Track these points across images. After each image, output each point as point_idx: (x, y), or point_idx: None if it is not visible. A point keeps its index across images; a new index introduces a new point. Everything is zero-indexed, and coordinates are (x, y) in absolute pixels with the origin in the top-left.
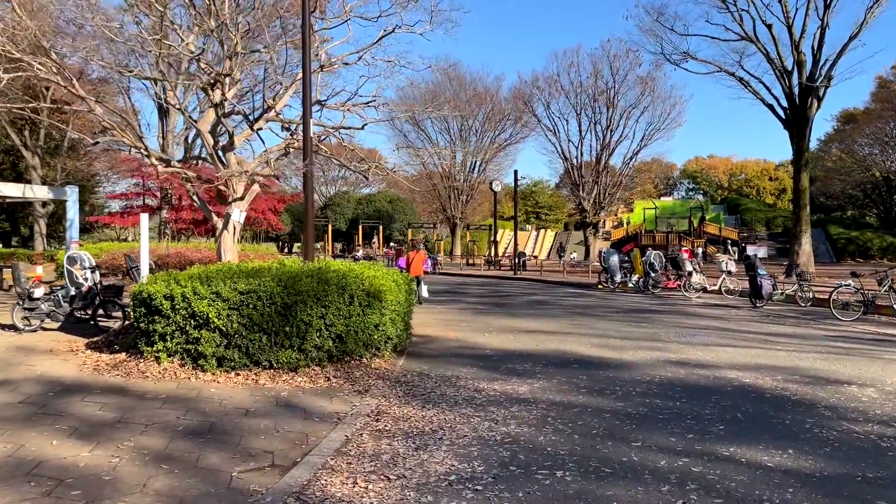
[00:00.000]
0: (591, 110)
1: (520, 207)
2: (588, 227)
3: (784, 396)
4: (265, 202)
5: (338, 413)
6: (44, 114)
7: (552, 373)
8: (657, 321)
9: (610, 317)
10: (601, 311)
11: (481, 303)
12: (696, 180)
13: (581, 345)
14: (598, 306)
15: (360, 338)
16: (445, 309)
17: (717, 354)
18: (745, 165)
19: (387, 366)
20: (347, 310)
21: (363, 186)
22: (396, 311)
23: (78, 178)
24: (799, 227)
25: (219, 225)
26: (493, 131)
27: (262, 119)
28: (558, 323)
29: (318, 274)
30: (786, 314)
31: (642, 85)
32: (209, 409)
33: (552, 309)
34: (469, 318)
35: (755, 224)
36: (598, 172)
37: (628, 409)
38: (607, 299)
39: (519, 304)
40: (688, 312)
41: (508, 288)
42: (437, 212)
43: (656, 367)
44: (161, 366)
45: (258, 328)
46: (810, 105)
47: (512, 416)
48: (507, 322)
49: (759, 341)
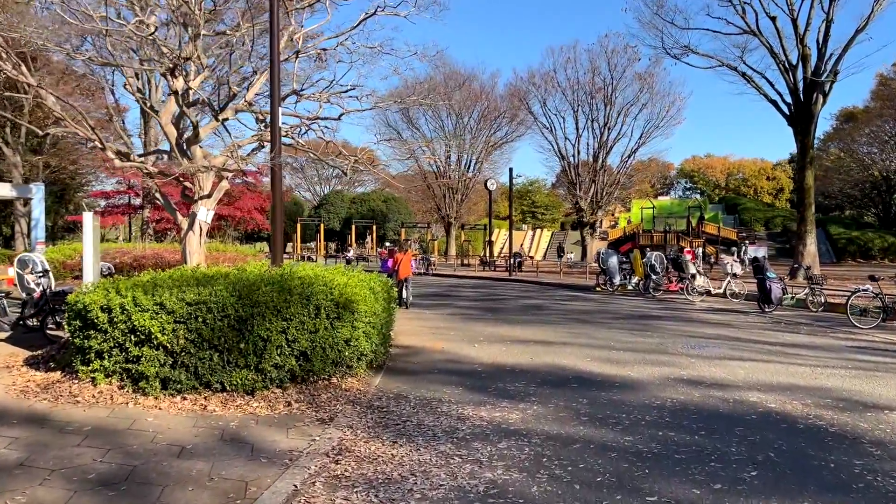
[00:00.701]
0: (589, 107)
1: (516, 207)
2: (585, 226)
3: (820, 428)
4: (251, 201)
5: (292, 451)
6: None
7: (548, 394)
8: (661, 329)
9: (610, 324)
10: (601, 318)
11: (473, 307)
12: (693, 180)
13: (580, 358)
14: (597, 311)
15: (329, 355)
16: (434, 314)
17: (732, 371)
18: (743, 165)
19: (360, 386)
20: (313, 323)
21: (357, 186)
22: (372, 324)
23: (62, 177)
24: (804, 226)
25: (184, 225)
26: (488, 129)
27: (230, 109)
28: (555, 331)
29: (279, 282)
30: (798, 320)
31: (641, 81)
32: (137, 446)
33: (548, 315)
34: (459, 326)
35: (754, 224)
36: (596, 171)
37: (639, 446)
38: (607, 303)
39: (513, 308)
40: (693, 319)
41: (503, 290)
42: (432, 211)
43: (666, 388)
44: (97, 388)
45: (208, 345)
46: (815, 101)
47: (500, 454)
48: (499, 330)
49: (775, 354)
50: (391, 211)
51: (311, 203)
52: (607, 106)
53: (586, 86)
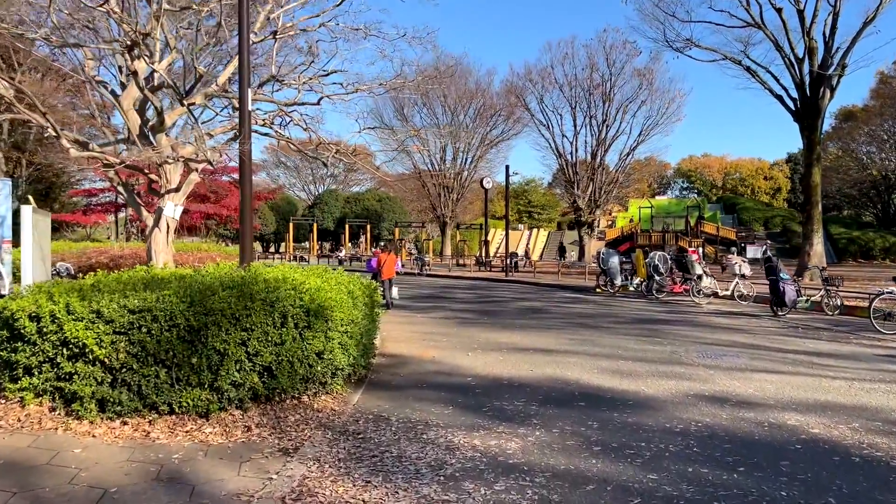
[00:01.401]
0: (587, 104)
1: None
2: (583, 226)
3: (880, 461)
4: (237, 198)
5: (240, 495)
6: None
7: (552, 415)
8: (671, 335)
9: (615, 329)
10: (604, 322)
11: (468, 310)
12: (690, 179)
13: (586, 369)
14: (599, 315)
15: (297, 370)
16: (426, 318)
17: (758, 385)
18: (740, 164)
19: (335, 405)
20: (278, 333)
21: (353, 185)
22: (350, 334)
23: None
24: (810, 225)
25: (149, 222)
26: (484, 127)
27: (200, 94)
28: (556, 337)
29: (239, 285)
30: (815, 325)
31: (640, 78)
32: (51, 488)
33: (548, 318)
34: (452, 331)
35: (753, 223)
36: (594, 169)
37: (666, 487)
38: (609, 306)
39: (510, 311)
40: (703, 323)
41: (499, 292)
42: (427, 210)
43: (688, 407)
44: (24, 410)
45: (154, 360)
46: (822, 95)
47: (496, 498)
48: (495, 336)
49: (802, 364)
50: (386, 210)
51: (305, 202)
52: (606, 103)
53: (584, 82)
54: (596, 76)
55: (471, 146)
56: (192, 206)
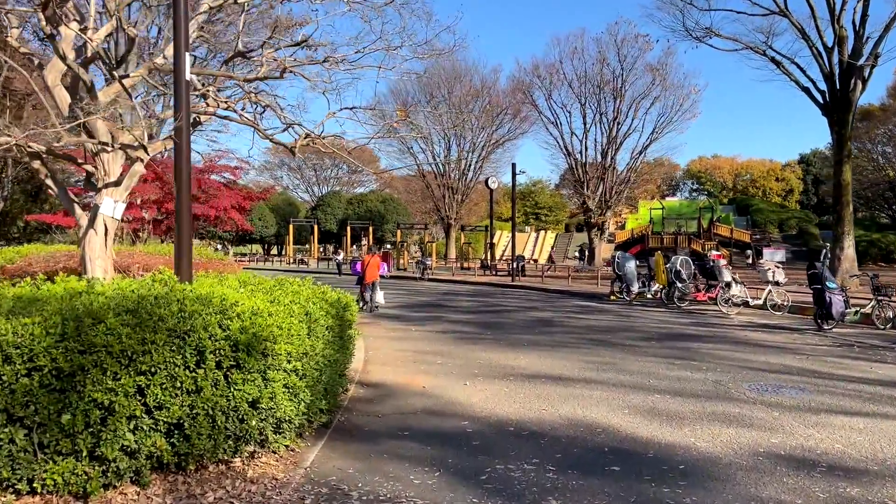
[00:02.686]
0: (597, 101)
1: (518, 207)
2: (593, 228)
3: None
4: (227, 198)
5: None
6: None
7: (577, 491)
8: (708, 356)
9: (640, 348)
10: (626, 338)
11: (469, 322)
12: (700, 181)
13: (613, 408)
14: (618, 328)
15: (222, 426)
16: (421, 332)
17: (845, 436)
18: (751, 165)
19: (280, 470)
20: (193, 377)
21: (357, 186)
22: (302, 371)
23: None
24: (841, 227)
25: (82, 222)
26: (490, 126)
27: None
28: (571, 359)
29: (137, 309)
30: (871, 342)
31: (653, 73)
32: None
33: (560, 333)
34: (449, 349)
35: (767, 225)
36: (605, 168)
37: None
38: (627, 317)
39: (516, 324)
40: (740, 340)
41: (504, 299)
42: (431, 212)
43: (763, 476)
44: None
45: (7, 417)
46: (853, 87)
47: None
48: (499, 357)
49: (883, 401)
50: (389, 212)
51: (309, 204)
52: (617, 99)
53: (594, 78)
54: (607, 71)
55: (476, 146)
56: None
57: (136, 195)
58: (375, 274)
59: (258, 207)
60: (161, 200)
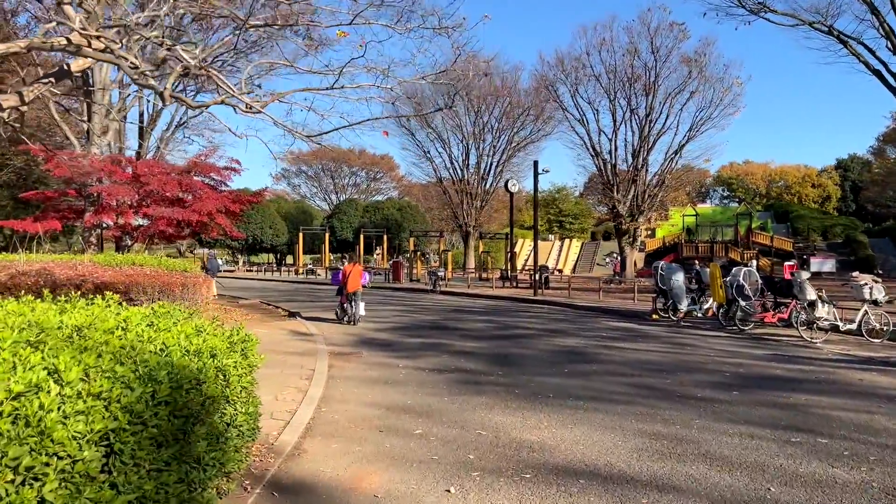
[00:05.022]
0: (627, 96)
1: (542, 215)
2: (623, 235)
3: None
4: (213, 201)
5: None
6: None
7: None
8: (832, 422)
9: (720, 403)
10: (693, 383)
11: (476, 353)
12: (731, 187)
13: None
14: (677, 365)
15: None
16: (408, 370)
17: None
18: (785, 171)
19: None
20: None
21: (375, 194)
22: None
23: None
24: None
25: None
26: (511, 129)
27: None
28: (622, 428)
29: None
30: None
31: (688, 65)
32: None
33: (597, 374)
34: (437, 406)
35: (810, 233)
36: (636, 169)
37: None
38: (682, 346)
39: (539, 357)
40: (859, 386)
41: (524, 318)
42: (449, 219)
43: None
44: None
45: None
46: None
47: None
48: (511, 422)
49: None
50: (406, 219)
51: (324, 212)
52: (649, 94)
53: (625, 70)
54: (638, 64)
55: (496, 149)
56: (155, 211)
57: (112, 198)
58: (357, 284)
59: (269, 215)
60: (139, 204)
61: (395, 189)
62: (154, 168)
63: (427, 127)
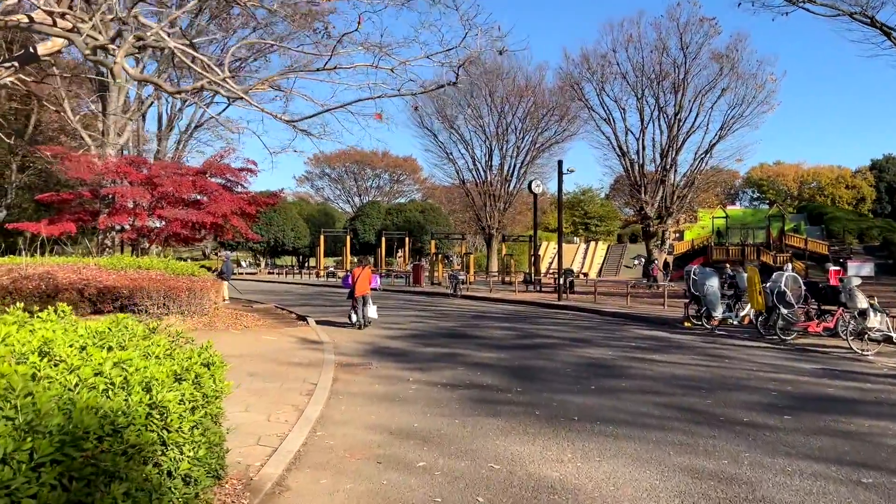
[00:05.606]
0: (655, 94)
1: (567, 217)
2: (651, 237)
3: None
4: (228, 203)
5: None
6: None
7: None
8: None
9: (773, 431)
10: (738, 404)
11: (494, 365)
12: (761, 189)
13: None
14: (717, 382)
15: None
16: (420, 385)
17: None
18: (818, 172)
19: None
20: None
21: (398, 196)
22: None
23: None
24: None
25: None
26: (535, 129)
27: None
28: (659, 464)
29: None
30: None
31: (719, 61)
32: None
33: (627, 391)
34: (447, 430)
35: (845, 236)
36: (665, 170)
37: None
38: (721, 358)
39: (562, 371)
40: None
41: (548, 325)
42: (471, 221)
43: None
44: None
45: None
46: None
47: None
48: (529, 454)
49: None
50: (429, 221)
51: (347, 215)
52: (678, 92)
53: (652, 68)
54: (666, 60)
55: (520, 150)
56: (169, 213)
57: (126, 199)
58: (366, 287)
59: (291, 218)
60: (154, 206)
61: (419, 191)
62: (168, 169)
63: (450, 128)
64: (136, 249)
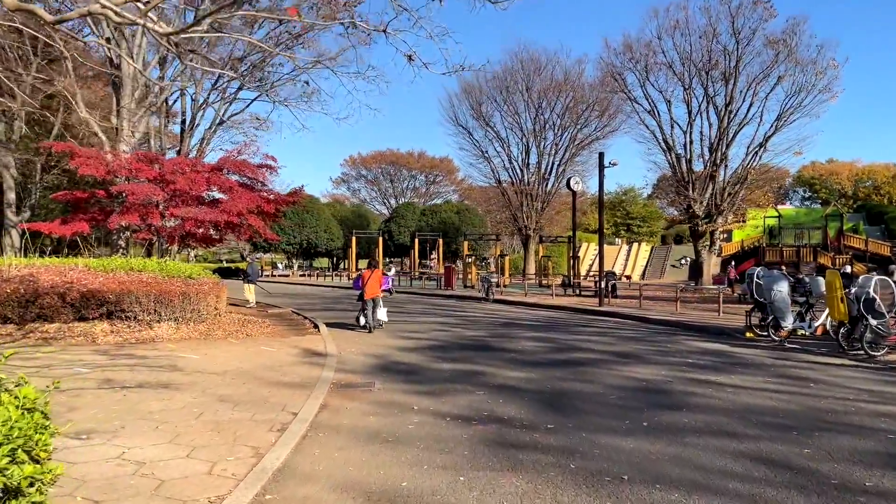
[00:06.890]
0: (703, 84)
1: (608, 218)
2: (700, 238)
3: None
4: (244, 200)
5: None
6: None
7: None
8: None
9: None
10: (849, 454)
11: (520, 389)
12: (813, 188)
13: None
14: (809, 419)
15: None
16: (424, 419)
17: None
18: (874, 170)
19: None
20: None
21: (434, 197)
22: None
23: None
24: None
25: None
26: (574, 125)
27: None
28: None
29: None
30: None
31: (774, 47)
32: None
33: (694, 432)
34: (445, 490)
35: None
36: (714, 165)
37: None
38: (802, 381)
39: (605, 398)
40: None
41: (587, 336)
42: (508, 222)
43: None
44: None
45: None
46: None
47: None
48: None
49: None
50: (464, 222)
51: (382, 216)
52: (729, 82)
53: (701, 56)
54: (716, 48)
55: (558, 148)
56: (182, 212)
57: (136, 197)
58: (376, 290)
59: (324, 219)
60: (167, 204)
61: (455, 192)
62: (182, 166)
63: (486, 125)
64: (155, 249)
